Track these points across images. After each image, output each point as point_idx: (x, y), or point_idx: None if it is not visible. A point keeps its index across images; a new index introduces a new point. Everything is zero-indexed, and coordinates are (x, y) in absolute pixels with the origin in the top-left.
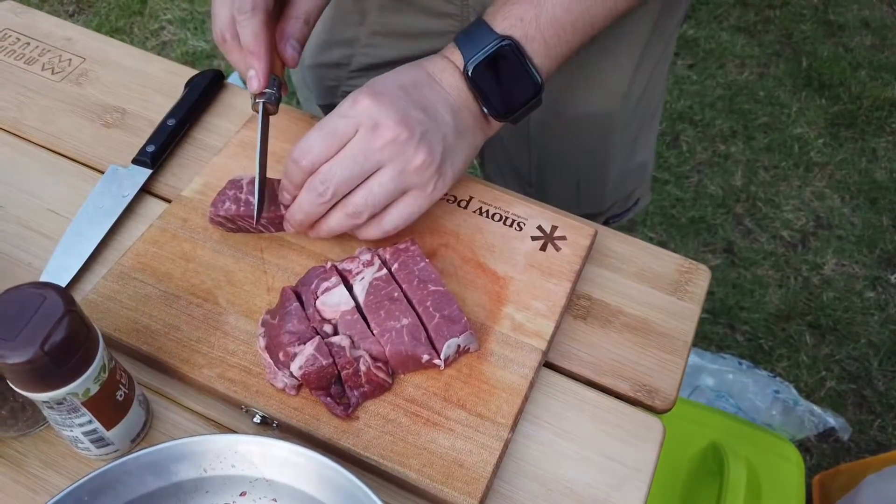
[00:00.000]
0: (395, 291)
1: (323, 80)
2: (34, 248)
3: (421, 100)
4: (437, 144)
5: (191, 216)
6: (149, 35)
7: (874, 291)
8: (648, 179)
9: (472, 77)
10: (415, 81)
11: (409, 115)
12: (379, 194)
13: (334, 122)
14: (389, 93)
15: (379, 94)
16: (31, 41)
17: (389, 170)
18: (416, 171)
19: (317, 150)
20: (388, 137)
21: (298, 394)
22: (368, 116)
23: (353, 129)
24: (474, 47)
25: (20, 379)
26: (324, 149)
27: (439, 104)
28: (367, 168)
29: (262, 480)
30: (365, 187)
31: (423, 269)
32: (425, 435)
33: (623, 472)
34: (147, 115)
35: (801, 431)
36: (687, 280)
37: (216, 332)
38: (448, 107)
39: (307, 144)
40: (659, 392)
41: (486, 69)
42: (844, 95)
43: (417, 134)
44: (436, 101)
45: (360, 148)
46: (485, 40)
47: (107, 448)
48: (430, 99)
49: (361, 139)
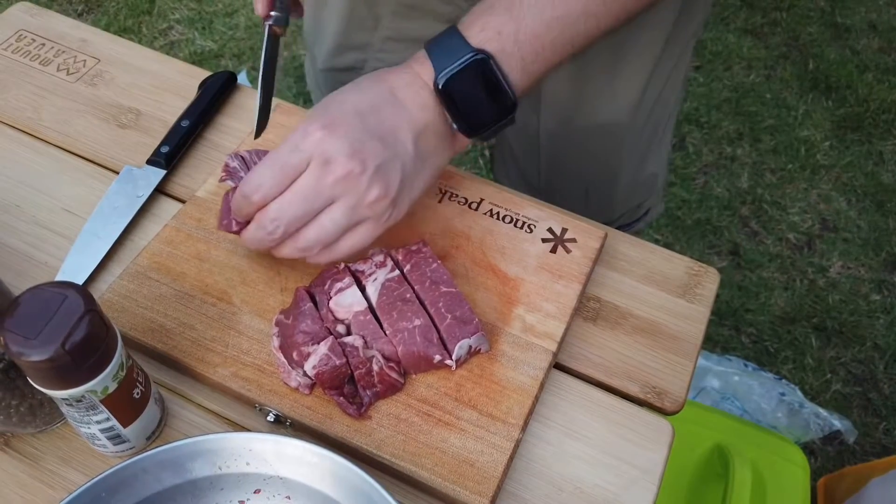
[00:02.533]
0: (408, 292)
1: (336, 84)
2: (50, 247)
3: (379, 127)
4: (393, 176)
5: (205, 216)
6: (157, 34)
7: (880, 294)
8: (660, 190)
9: (443, 90)
10: (373, 104)
11: (364, 148)
12: (331, 230)
13: (285, 156)
14: (344, 121)
15: (331, 125)
16: (46, 42)
17: (341, 205)
18: (369, 205)
19: (267, 185)
20: (340, 174)
21: (312, 393)
22: (320, 151)
23: (304, 163)
24: (446, 59)
25: (41, 376)
26: (274, 184)
27: (400, 129)
28: (317, 205)
29: (276, 478)
30: (316, 223)
31: (435, 270)
32: (437, 434)
33: (632, 473)
34: (161, 116)
35: (807, 434)
36: (696, 283)
37: (230, 331)
38: (410, 131)
39: (257, 179)
40: (668, 394)
41: (458, 83)
42: (851, 98)
43: (371, 168)
44: (396, 125)
45: (311, 184)
46: (458, 52)
47: (123, 445)
48: (389, 124)
49: (312, 175)
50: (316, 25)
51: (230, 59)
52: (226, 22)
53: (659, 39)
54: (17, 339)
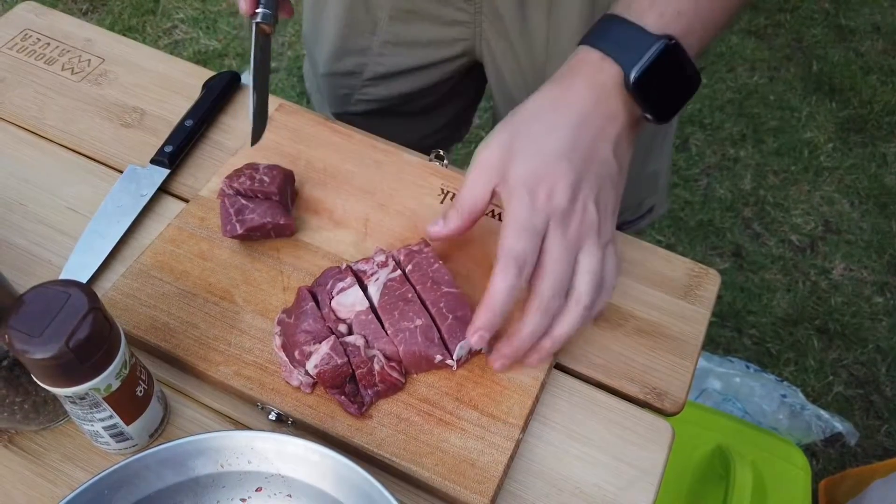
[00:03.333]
0: (409, 293)
1: (336, 88)
2: (54, 245)
3: (585, 161)
4: (609, 197)
5: (208, 216)
6: (161, 34)
7: (882, 297)
8: (664, 188)
9: (636, 86)
10: (573, 139)
11: (582, 189)
12: (598, 270)
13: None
14: (557, 172)
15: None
16: (51, 41)
17: (590, 246)
18: (606, 230)
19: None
20: (577, 222)
21: (313, 392)
22: (553, 209)
23: (545, 224)
24: (633, 54)
25: (45, 374)
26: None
27: (601, 151)
28: (573, 261)
29: (278, 476)
30: (584, 273)
31: (437, 270)
32: (438, 434)
33: (632, 473)
34: (165, 116)
35: (808, 436)
36: (697, 284)
37: (233, 330)
38: (609, 151)
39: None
40: (668, 395)
41: (651, 75)
42: (855, 100)
43: (593, 203)
44: (598, 150)
45: (562, 244)
46: (643, 44)
47: (126, 443)
48: (591, 152)
49: (558, 236)
50: (315, 30)
51: (234, 58)
52: (230, 21)
53: None
54: (22, 337)
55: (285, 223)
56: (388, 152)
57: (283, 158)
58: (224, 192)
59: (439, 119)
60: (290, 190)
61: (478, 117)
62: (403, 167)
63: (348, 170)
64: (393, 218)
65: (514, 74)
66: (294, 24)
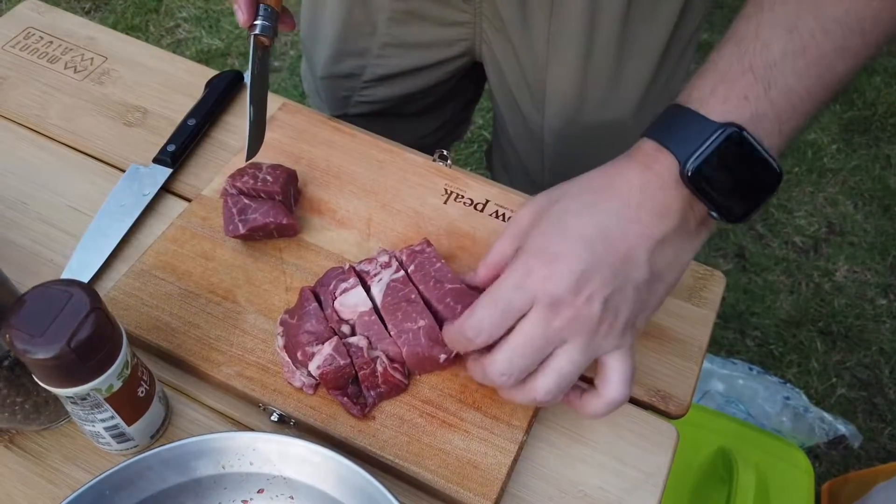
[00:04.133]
0: (413, 293)
1: (336, 90)
2: (56, 244)
3: (608, 255)
4: (623, 303)
5: (211, 215)
6: (164, 33)
7: (886, 299)
8: None
9: (693, 179)
10: (602, 228)
11: (590, 282)
12: (570, 373)
13: (508, 297)
14: (569, 254)
15: (555, 261)
16: (53, 40)
17: (574, 345)
18: (604, 337)
19: (488, 328)
20: (569, 316)
21: (316, 393)
22: (544, 292)
23: (527, 304)
24: (690, 143)
25: (46, 374)
26: (496, 328)
27: (633, 252)
28: (547, 350)
29: (280, 478)
30: (551, 370)
31: (439, 269)
32: (441, 436)
33: (636, 476)
34: (168, 115)
35: (811, 438)
36: (702, 286)
37: (235, 330)
38: (645, 250)
39: (478, 321)
40: (673, 397)
41: (711, 166)
42: (859, 101)
43: (599, 301)
44: (629, 249)
45: (538, 330)
46: (703, 132)
47: (127, 443)
48: (621, 249)
49: (539, 319)
50: (313, 33)
51: (237, 57)
52: (233, 21)
53: (662, 35)
54: (23, 337)
55: (288, 223)
56: (392, 152)
57: (286, 158)
58: (227, 191)
59: (439, 118)
60: (293, 190)
61: (480, 118)
62: (407, 167)
63: (351, 170)
64: (396, 218)
65: (515, 74)
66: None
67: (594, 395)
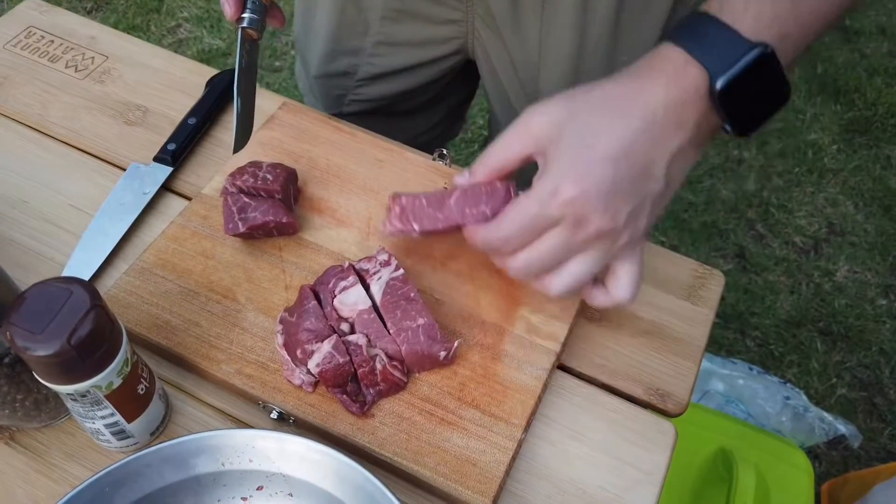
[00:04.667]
0: (412, 291)
1: (330, 89)
2: (57, 243)
3: (631, 170)
4: (642, 217)
5: (211, 214)
6: (165, 32)
7: (886, 299)
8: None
9: (721, 96)
10: (627, 144)
11: (616, 200)
12: (583, 278)
13: (536, 214)
14: (596, 175)
15: (584, 179)
16: (55, 39)
17: (593, 255)
18: (621, 248)
19: (516, 241)
20: (592, 232)
21: (315, 391)
22: (572, 211)
23: (555, 221)
24: (723, 59)
25: (46, 371)
26: (524, 241)
27: (653, 164)
28: (568, 258)
29: (279, 475)
30: (567, 273)
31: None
32: (439, 434)
33: (635, 474)
34: (168, 114)
35: (811, 438)
36: (701, 285)
37: (235, 328)
38: (664, 162)
39: (505, 233)
40: (671, 396)
41: (741, 84)
42: (859, 102)
43: (623, 219)
44: (650, 161)
45: (563, 243)
46: (736, 49)
47: (127, 441)
48: (642, 162)
49: (565, 234)
50: (306, 32)
51: None
52: None
53: (655, 30)
54: (23, 334)
55: (288, 221)
56: (391, 151)
57: (286, 157)
58: (227, 190)
59: (433, 116)
60: (293, 188)
61: (481, 118)
62: (406, 166)
63: (351, 168)
64: None
65: (507, 72)
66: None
67: (602, 291)
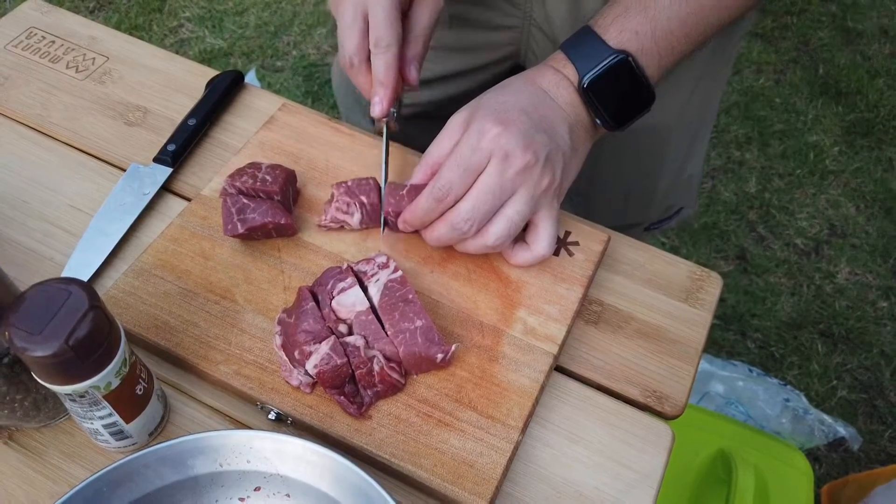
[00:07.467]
0: (410, 293)
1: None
2: (56, 243)
3: (542, 122)
4: (558, 165)
5: (210, 215)
6: (167, 32)
7: (887, 301)
8: (695, 190)
9: (587, 90)
10: (533, 102)
11: (535, 140)
12: (517, 221)
13: (467, 157)
14: (514, 118)
15: (505, 122)
16: (56, 39)
17: (523, 195)
18: (543, 193)
19: (457, 185)
20: (519, 166)
21: (313, 392)
22: (499, 146)
23: (485, 160)
24: (589, 61)
25: (44, 372)
26: (463, 184)
27: (557, 123)
28: (503, 198)
29: (277, 476)
30: (503, 217)
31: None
32: (437, 435)
33: (632, 476)
34: (168, 115)
35: (811, 440)
36: (699, 287)
37: (233, 329)
38: (565, 125)
39: (446, 181)
40: (669, 398)
41: (602, 83)
42: (861, 104)
43: (542, 158)
44: (554, 120)
45: (496, 180)
46: (600, 55)
47: (125, 441)
48: (549, 119)
49: (495, 171)
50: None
51: (239, 57)
52: (236, 20)
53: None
54: (22, 335)
55: (286, 223)
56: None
57: (286, 158)
58: (226, 190)
59: None
60: (292, 189)
61: None
62: (406, 167)
63: (350, 170)
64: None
65: None
66: (300, 23)
67: (524, 248)
